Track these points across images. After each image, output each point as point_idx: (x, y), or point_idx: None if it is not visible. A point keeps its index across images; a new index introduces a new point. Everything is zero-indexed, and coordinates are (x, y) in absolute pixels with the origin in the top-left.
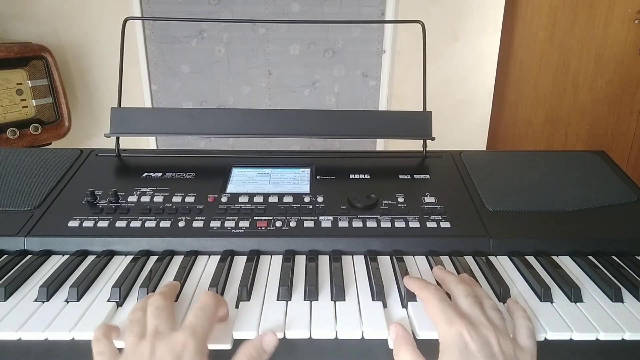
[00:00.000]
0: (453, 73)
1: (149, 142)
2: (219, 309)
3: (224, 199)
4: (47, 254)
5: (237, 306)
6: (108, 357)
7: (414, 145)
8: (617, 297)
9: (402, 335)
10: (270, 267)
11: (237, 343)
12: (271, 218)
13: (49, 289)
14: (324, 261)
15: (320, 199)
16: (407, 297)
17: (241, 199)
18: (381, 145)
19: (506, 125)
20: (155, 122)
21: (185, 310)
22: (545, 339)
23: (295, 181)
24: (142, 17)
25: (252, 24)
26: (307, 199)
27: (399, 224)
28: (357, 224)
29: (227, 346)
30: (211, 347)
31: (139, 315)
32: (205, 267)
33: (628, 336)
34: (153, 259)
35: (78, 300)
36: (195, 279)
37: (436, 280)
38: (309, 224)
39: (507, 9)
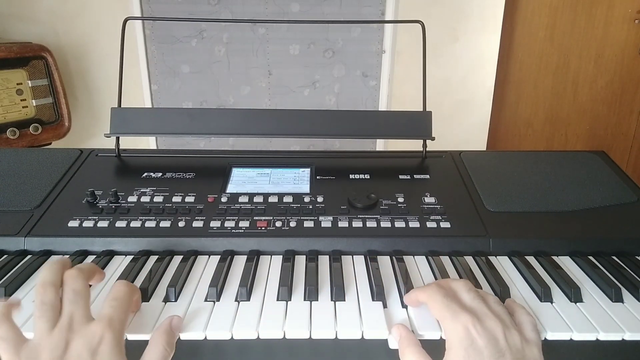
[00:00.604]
0: (453, 73)
1: (149, 142)
2: (134, 296)
3: (224, 199)
4: (47, 254)
5: (237, 306)
6: (12, 346)
7: (414, 145)
8: (617, 297)
9: (406, 337)
10: (270, 267)
11: (238, 343)
12: (271, 218)
13: None
14: (324, 261)
15: (320, 199)
16: None
17: (241, 199)
18: (381, 145)
19: (506, 125)
20: (155, 122)
21: (185, 309)
22: (545, 339)
23: (295, 181)
24: (142, 17)
25: (252, 24)
26: (307, 199)
27: (399, 224)
28: (357, 224)
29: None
30: (210, 336)
31: (51, 296)
32: (205, 267)
33: (628, 336)
34: (153, 259)
35: None
36: (195, 279)
37: None
38: (309, 224)
39: (507, 9)
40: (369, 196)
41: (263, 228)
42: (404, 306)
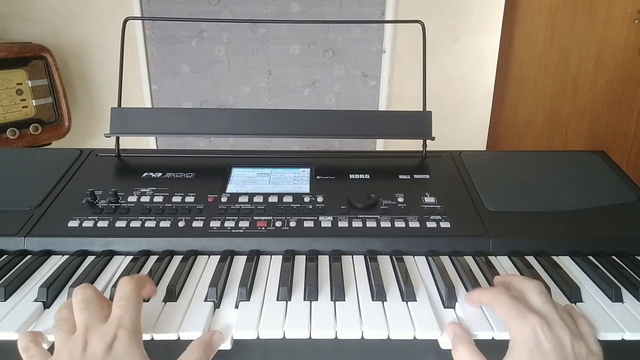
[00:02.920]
0: (453, 73)
1: (149, 142)
2: (142, 289)
3: (223, 199)
4: (47, 254)
5: (237, 306)
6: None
7: (414, 145)
8: (617, 297)
9: (459, 334)
10: (270, 267)
11: (238, 343)
12: (271, 218)
13: (49, 289)
14: (323, 261)
15: (320, 199)
16: (407, 297)
17: (241, 199)
18: (381, 145)
19: (506, 125)
20: (155, 122)
21: (185, 309)
22: None
23: (295, 181)
24: (142, 17)
25: (252, 24)
26: (307, 199)
27: (399, 224)
28: (357, 224)
29: (227, 346)
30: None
31: (65, 313)
32: (205, 267)
33: (628, 336)
34: (153, 259)
35: None
36: (195, 279)
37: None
38: (308, 224)
39: (507, 9)
40: (369, 196)
41: (263, 228)
42: (404, 306)
